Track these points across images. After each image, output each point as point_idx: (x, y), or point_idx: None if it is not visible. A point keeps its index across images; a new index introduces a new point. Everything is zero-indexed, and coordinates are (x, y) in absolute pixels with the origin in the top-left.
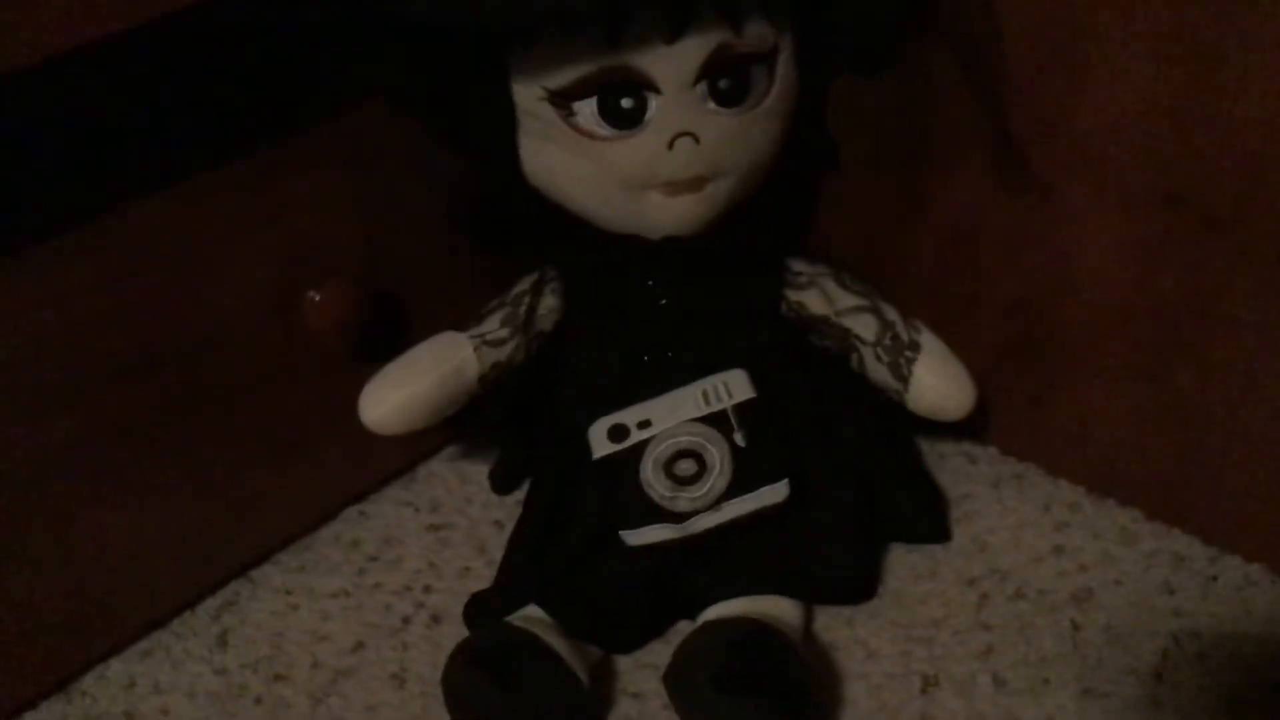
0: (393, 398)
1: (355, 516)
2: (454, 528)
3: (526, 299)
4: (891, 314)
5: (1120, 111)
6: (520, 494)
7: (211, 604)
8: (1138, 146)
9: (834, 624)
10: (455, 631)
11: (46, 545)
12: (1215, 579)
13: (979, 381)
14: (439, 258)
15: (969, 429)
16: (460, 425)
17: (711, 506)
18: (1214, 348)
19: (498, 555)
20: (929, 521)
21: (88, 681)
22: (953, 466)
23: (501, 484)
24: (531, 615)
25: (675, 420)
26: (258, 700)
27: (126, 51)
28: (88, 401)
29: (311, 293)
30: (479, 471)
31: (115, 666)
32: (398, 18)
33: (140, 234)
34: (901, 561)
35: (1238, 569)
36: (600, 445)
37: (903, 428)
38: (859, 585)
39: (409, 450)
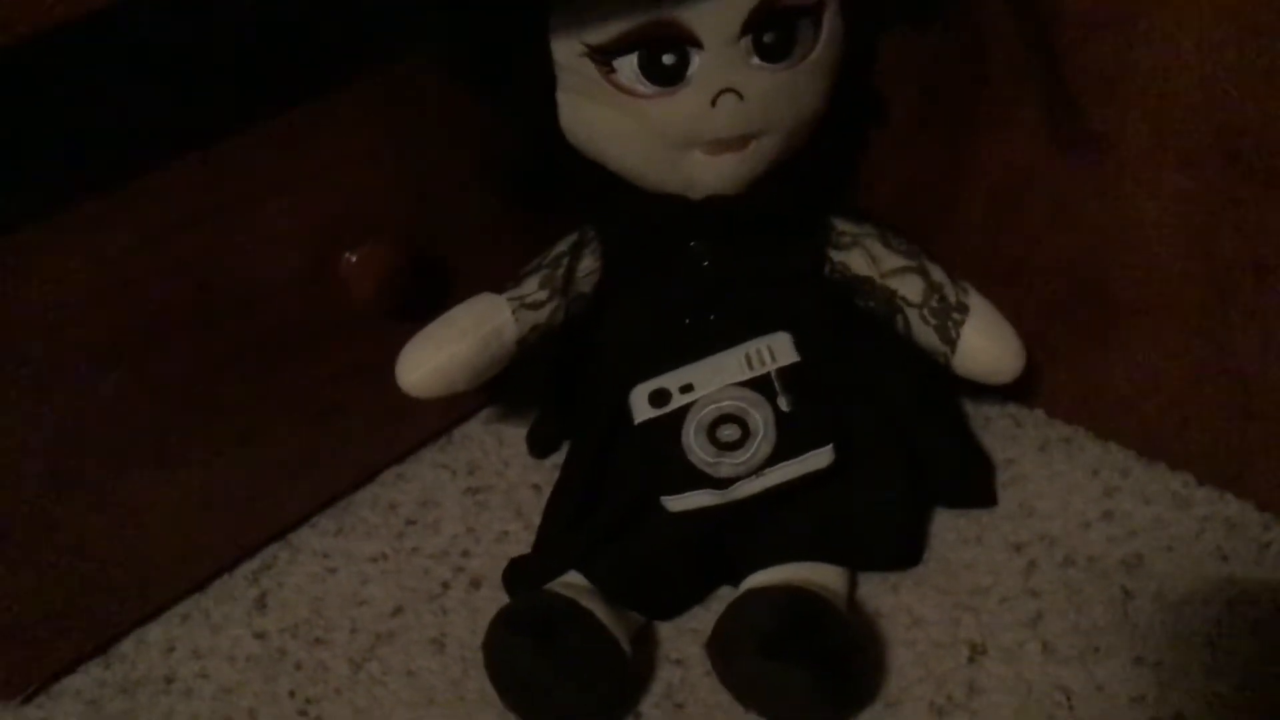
0: (430, 360)
1: (393, 479)
2: (492, 491)
3: (565, 260)
4: (938, 275)
5: (1181, 64)
6: (558, 458)
7: (249, 568)
8: (1199, 101)
9: (879, 591)
10: (494, 596)
11: (86, 508)
12: (1269, 545)
13: (1028, 342)
14: (478, 218)
15: (1015, 392)
16: (498, 387)
17: (755, 472)
18: (1273, 311)
19: (536, 519)
20: (975, 486)
21: (127, 645)
22: (999, 430)
23: (540, 447)
24: (572, 581)
25: (718, 384)
26: (297, 665)
27: (166, 8)
28: (127, 363)
29: (348, 254)
30: (516, 434)
31: (154, 630)
32: None
33: (178, 194)
34: (947, 526)
35: None
36: (641, 410)
37: (948, 391)
38: (904, 551)
39: (446, 412)
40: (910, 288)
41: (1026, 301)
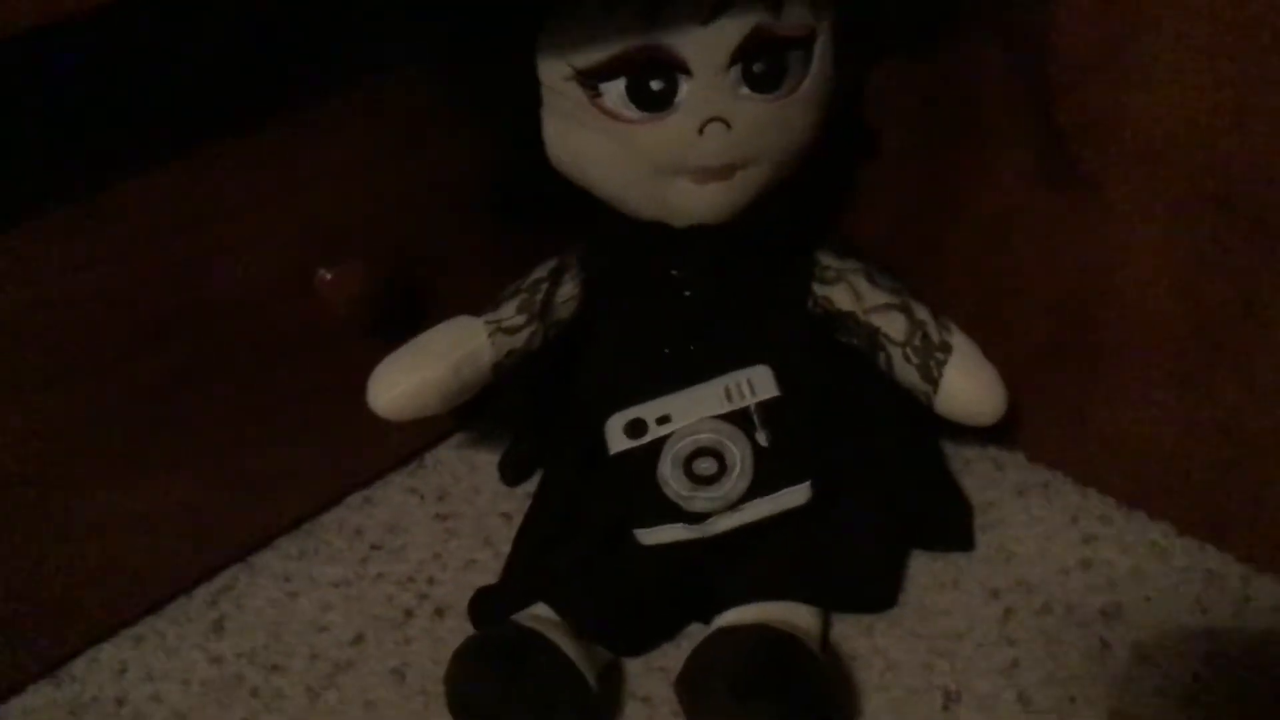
0: (403, 383)
1: (360, 503)
2: (461, 518)
3: (545, 285)
4: (922, 313)
5: (1174, 109)
6: (530, 486)
7: (209, 589)
8: (1191, 146)
9: (853, 633)
10: (459, 626)
11: (44, 522)
12: (1249, 600)
13: (1010, 384)
14: (458, 239)
15: (997, 434)
16: (472, 412)
17: (730, 507)
18: (1261, 359)
19: (505, 548)
20: (953, 528)
21: (78, 666)
22: (978, 472)
23: (512, 475)
24: (539, 614)
25: (696, 416)
26: (253, 692)
27: (149, 16)
28: (94, 378)
29: (324, 270)
30: (489, 460)
31: (107, 651)
32: None
33: (152, 205)
34: (924, 569)
35: (1272, 589)
36: (617, 440)
37: (929, 431)
38: (880, 593)
39: (418, 436)
40: (893, 325)
41: (1011, 343)
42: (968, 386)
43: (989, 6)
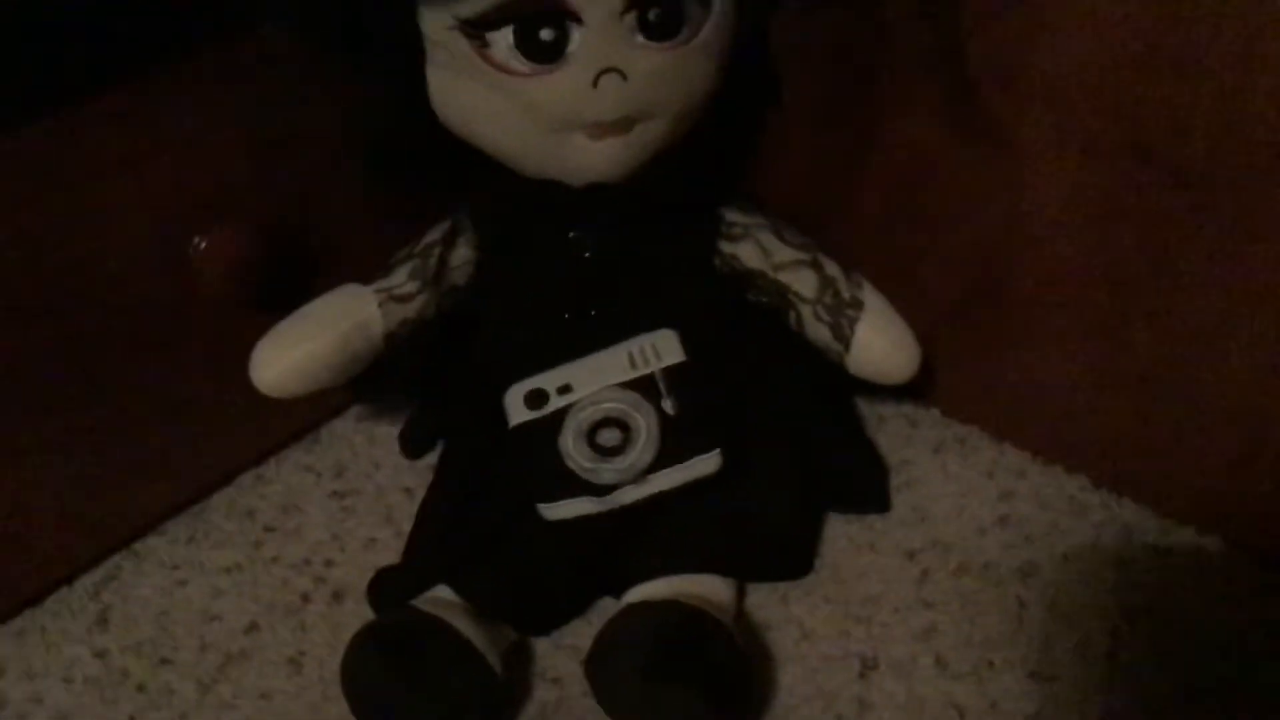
0: (288, 357)
1: (251, 482)
2: (360, 495)
3: (437, 250)
4: (832, 269)
5: (1085, 55)
6: (432, 458)
7: (91, 579)
8: (1104, 93)
9: (768, 601)
10: (359, 610)
11: None
12: (1168, 551)
13: (923, 339)
14: (343, 202)
15: (911, 390)
16: (369, 384)
17: (637, 478)
18: (1174, 309)
19: (406, 526)
20: (868, 490)
21: None
22: (893, 429)
23: (413, 447)
24: (441, 596)
25: (598, 385)
26: (140, 687)
27: None
28: None
29: (198, 238)
30: (388, 433)
31: None
32: None
33: (15, 170)
34: (839, 532)
35: (1190, 541)
36: (517, 412)
37: (841, 390)
38: (795, 561)
39: (311, 410)
40: (803, 282)
41: (923, 297)
42: (880, 344)
43: None
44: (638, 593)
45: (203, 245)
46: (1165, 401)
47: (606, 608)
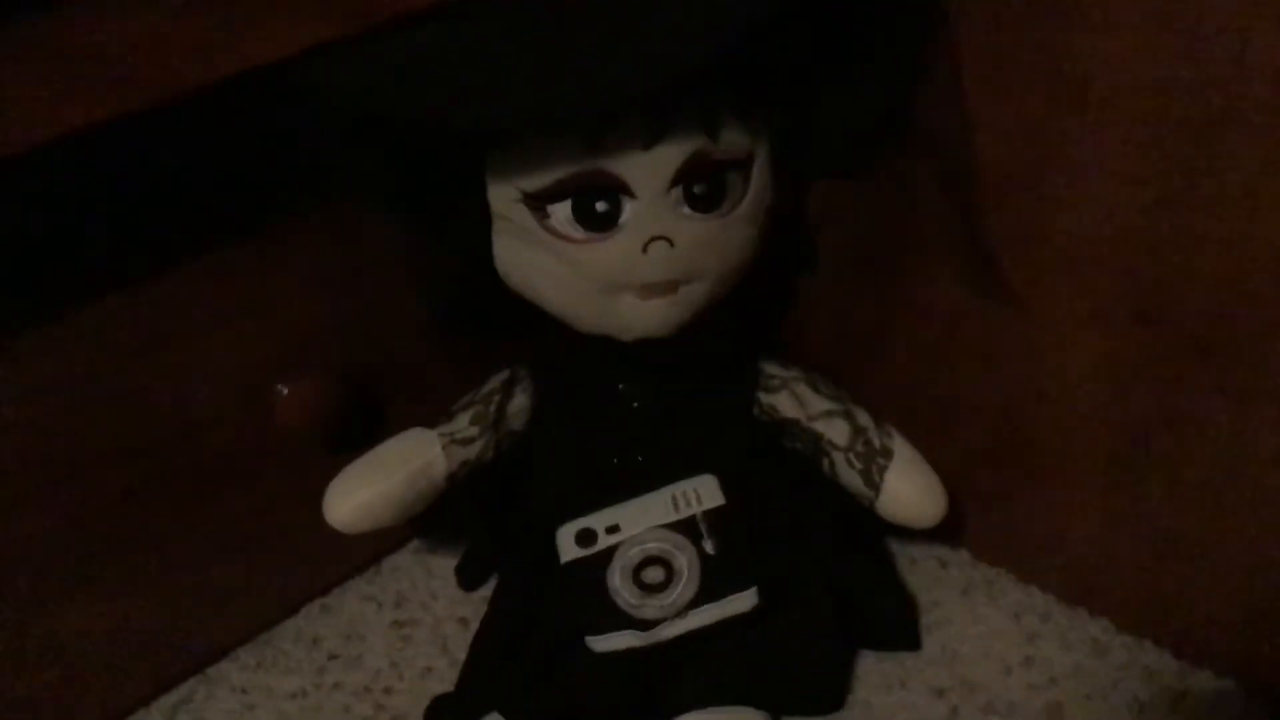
0: (358, 496)
1: (317, 611)
2: (418, 624)
3: (497, 398)
4: (864, 419)
5: (1092, 229)
6: (486, 590)
7: (167, 701)
8: (1110, 264)
9: None
10: None
11: (2, 643)
12: (1184, 695)
13: (951, 485)
14: (412, 352)
15: (941, 533)
16: (428, 521)
17: (679, 614)
18: (1185, 464)
19: (461, 654)
20: (899, 629)
21: None
22: (924, 571)
23: (468, 580)
24: None
25: (644, 526)
26: None
27: (107, 141)
28: (53, 496)
29: (281, 386)
30: (445, 566)
31: None
32: (378, 117)
33: (114, 326)
34: (871, 670)
35: (1208, 684)
36: (568, 550)
37: (873, 533)
38: (828, 696)
39: (374, 543)
40: (836, 431)
41: (951, 446)
42: (909, 491)
43: (917, 129)
44: None
45: (285, 392)
46: (1180, 550)
47: None
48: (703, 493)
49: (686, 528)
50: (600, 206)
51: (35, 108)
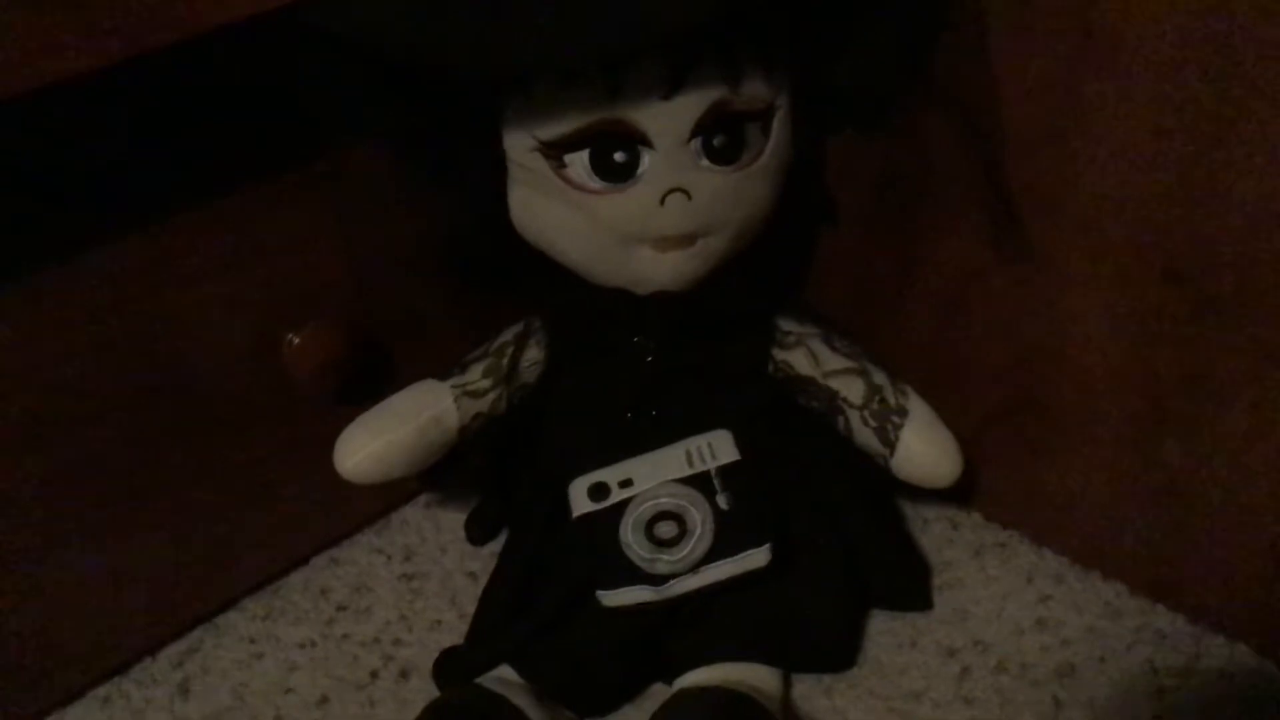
0: (369, 446)
1: (326, 563)
2: (427, 577)
3: (510, 350)
4: (880, 377)
5: (1118, 185)
6: (496, 545)
7: (175, 650)
8: (1136, 221)
9: (812, 693)
10: (424, 687)
11: (10, 588)
12: (1199, 659)
13: (966, 446)
14: (424, 302)
15: (954, 494)
16: (439, 474)
17: (691, 569)
18: (1204, 425)
19: (470, 608)
20: (911, 589)
21: None
22: (936, 532)
23: (478, 533)
24: (503, 676)
25: (657, 480)
26: None
27: (105, 88)
28: (60, 442)
29: (291, 335)
30: (455, 520)
31: (73, 714)
32: (392, 63)
33: (117, 274)
34: (882, 629)
35: (1221, 648)
36: (580, 503)
37: (887, 491)
38: (840, 654)
39: (384, 496)
40: (852, 389)
41: (967, 406)
42: (924, 450)
43: (940, 84)
44: (689, 679)
45: (296, 341)
46: (1195, 512)
47: (659, 693)
48: (717, 448)
49: (700, 483)
50: (618, 157)
51: (39, 48)
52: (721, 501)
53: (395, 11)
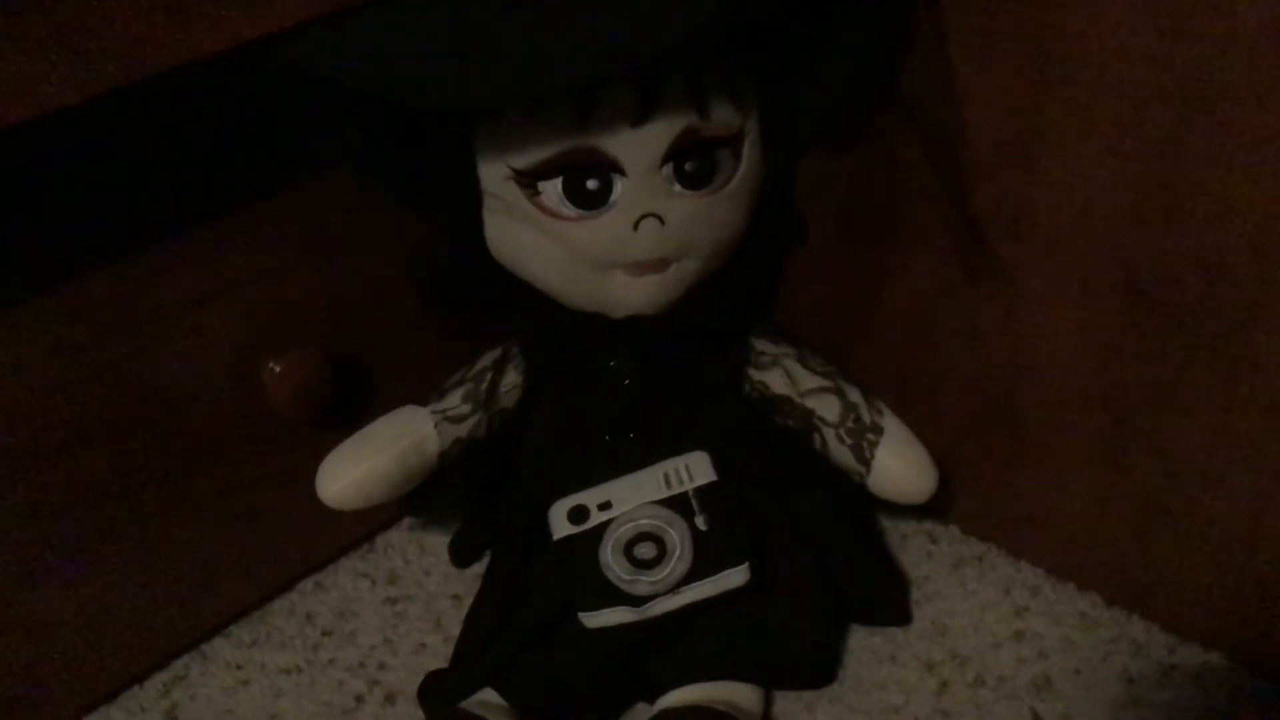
0: (351, 473)
1: (311, 588)
2: (411, 600)
3: (489, 375)
4: (854, 395)
5: (1080, 203)
6: (480, 567)
7: (160, 678)
8: (1099, 238)
9: (793, 709)
10: (409, 712)
11: None
12: (1173, 669)
13: (941, 460)
14: (402, 329)
15: (931, 508)
16: (420, 499)
17: (671, 590)
18: (1172, 437)
19: (455, 631)
20: (890, 603)
21: None
22: (914, 546)
23: (461, 556)
24: (487, 699)
25: (636, 502)
26: None
27: (85, 121)
28: (41, 472)
29: (272, 363)
30: (438, 543)
31: None
32: (364, 96)
33: (98, 304)
34: (862, 644)
35: (1196, 657)
36: (560, 526)
37: (864, 507)
38: (819, 670)
39: (367, 520)
40: (827, 407)
41: (940, 421)
42: (899, 467)
43: (906, 105)
44: (670, 699)
45: (277, 370)
46: (1166, 524)
47: (640, 713)
48: (694, 469)
49: (678, 504)
50: (591, 184)
51: (14, 86)
52: (700, 522)
53: (364, 46)
